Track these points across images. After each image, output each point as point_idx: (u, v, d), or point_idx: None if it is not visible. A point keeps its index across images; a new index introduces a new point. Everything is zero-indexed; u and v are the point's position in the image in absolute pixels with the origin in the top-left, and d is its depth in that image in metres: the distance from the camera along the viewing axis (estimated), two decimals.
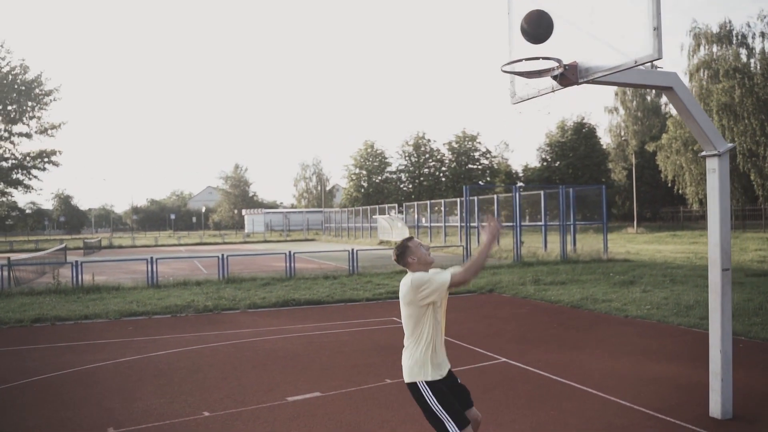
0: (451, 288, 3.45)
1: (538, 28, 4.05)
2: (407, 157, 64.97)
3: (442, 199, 34.45)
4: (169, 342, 8.60)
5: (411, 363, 3.52)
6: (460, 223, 27.92)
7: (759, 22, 38.65)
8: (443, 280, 3.43)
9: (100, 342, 8.70)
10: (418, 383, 3.48)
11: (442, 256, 21.09)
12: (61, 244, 32.73)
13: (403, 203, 46.35)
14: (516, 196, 22.15)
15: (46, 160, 50.43)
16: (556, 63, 4.18)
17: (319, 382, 6.32)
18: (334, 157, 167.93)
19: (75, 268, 14.81)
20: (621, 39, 3.96)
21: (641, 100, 51.03)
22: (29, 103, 49.08)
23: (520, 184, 57.40)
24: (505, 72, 4.33)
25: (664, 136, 43.83)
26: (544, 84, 4.44)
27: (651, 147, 45.47)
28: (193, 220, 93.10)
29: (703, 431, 4.66)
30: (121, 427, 5.08)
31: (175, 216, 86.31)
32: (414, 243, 3.63)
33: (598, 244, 22.28)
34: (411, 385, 3.53)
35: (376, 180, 63.53)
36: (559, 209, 22.18)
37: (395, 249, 3.64)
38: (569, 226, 22.01)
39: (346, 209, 52.94)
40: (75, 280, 14.55)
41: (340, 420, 5.13)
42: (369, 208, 45.29)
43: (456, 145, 62.86)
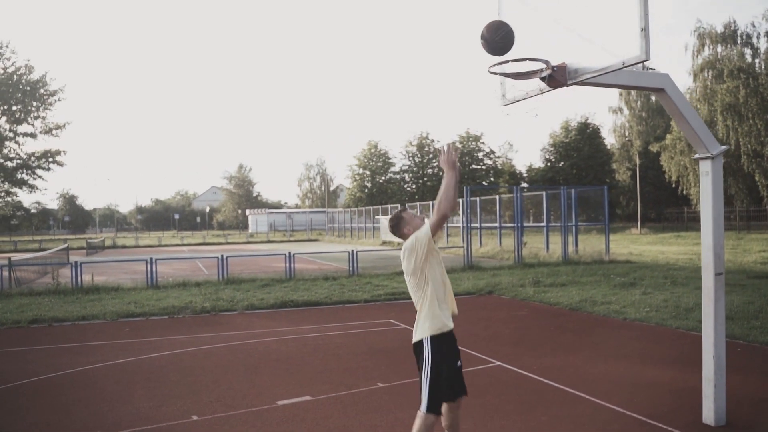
0: (435, 232, 3.64)
1: (494, 35, 4.02)
2: (411, 158, 64.98)
3: None
4: (164, 344, 8.57)
5: (420, 323, 3.73)
6: (462, 224, 27.83)
7: (764, 22, 38.64)
8: (425, 231, 3.64)
9: (95, 343, 8.68)
10: (423, 339, 3.68)
11: (443, 257, 20.94)
12: (64, 244, 32.79)
13: (407, 204, 46.30)
14: (517, 196, 22.04)
15: (50, 160, 50.64)
16: (544, 64, 4.12)
17: (311, 385, 6.27)
18: (338, 157, 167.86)
19: (74, 268, 14.82)
20: (609, 40, 3.91)
21: (645, 100, 50.76)
22: (34, 103, 49.27)
23: (523, 184, 57.27)
24: (492, 73, 4.28)
25: (669, 136, 43.64)
26: (532, 86, 4.39)
27: (655, 147, 45.26)
28: (198, 220, 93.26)
29: None
30: (108, 431, 5.04)
31: (179, 216, 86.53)
32: (408, 213, 3.80)
33: (601, 245, 22.15)
34: (417, 345, 3.73)
35: (380, 180, 63.53)
36: (561, 210, 22.07)
37: (390, 220, 3.85)
38: (571, 227, 21.90)
39: (349, 209, 52.88)
40: (74, 281, 14.55)
41: (329, 424, 5.09)
42: (372, 208, 45.25)
43: (460, 146, 62.74)
